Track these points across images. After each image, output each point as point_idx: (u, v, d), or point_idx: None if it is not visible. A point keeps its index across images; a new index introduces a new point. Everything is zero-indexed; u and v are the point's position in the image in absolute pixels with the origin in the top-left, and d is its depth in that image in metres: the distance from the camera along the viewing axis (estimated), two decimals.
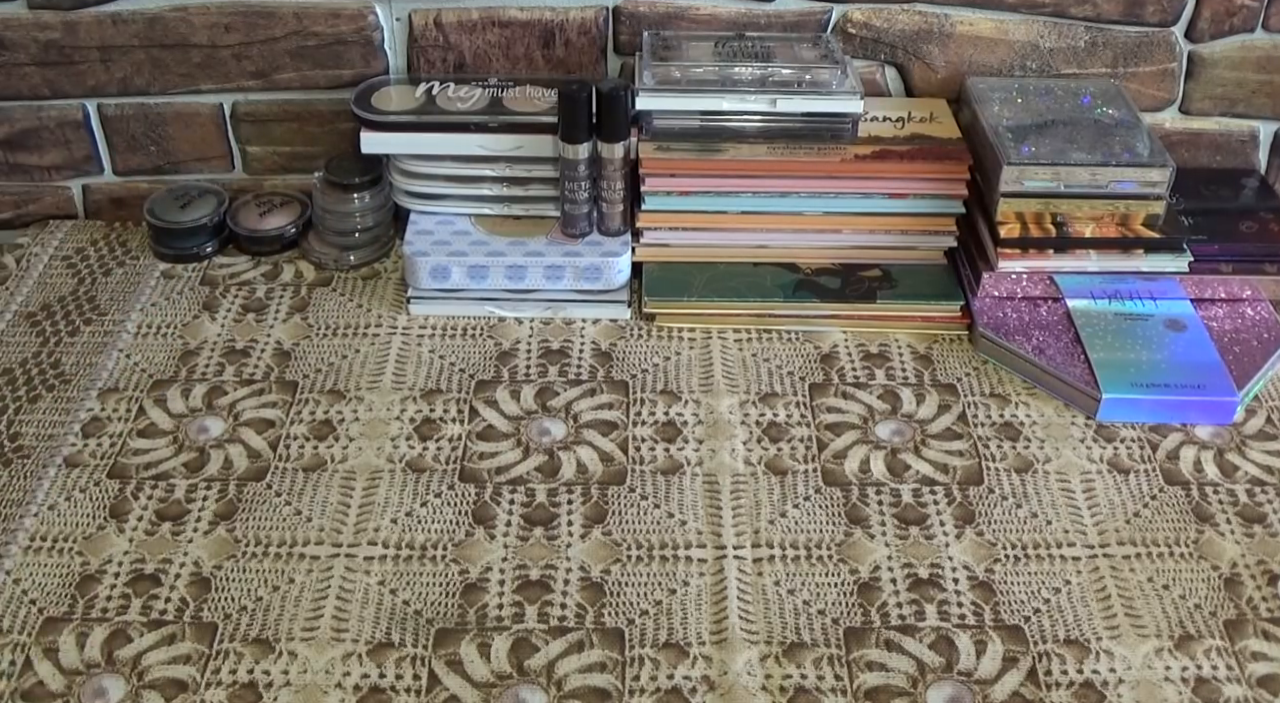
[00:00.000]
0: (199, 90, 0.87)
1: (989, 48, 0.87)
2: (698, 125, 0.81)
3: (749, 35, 0.85)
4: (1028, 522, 0.64)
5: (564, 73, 0.87)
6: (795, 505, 0.65)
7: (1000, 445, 0.69)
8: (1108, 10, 0.85)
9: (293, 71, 0.86)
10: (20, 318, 0.80)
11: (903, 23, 0.86)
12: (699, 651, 0.57)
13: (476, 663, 0.57)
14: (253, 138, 0.89)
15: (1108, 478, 0.67)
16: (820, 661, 0.57)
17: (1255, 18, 0.85)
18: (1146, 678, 0.56)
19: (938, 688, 0.56)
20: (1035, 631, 0.58)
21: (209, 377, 0.74)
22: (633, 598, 0.60)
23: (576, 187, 0.80)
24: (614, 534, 0.63)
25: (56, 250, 0.87)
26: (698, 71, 0.80)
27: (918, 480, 0.67)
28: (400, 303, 0.81)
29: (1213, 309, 0.79)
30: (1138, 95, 0.88)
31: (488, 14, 0.84)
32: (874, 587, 0.61)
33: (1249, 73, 0.88)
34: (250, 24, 0.84)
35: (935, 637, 0.58)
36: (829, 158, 0.80)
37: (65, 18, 0.83)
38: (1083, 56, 0.87)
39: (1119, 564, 0.62)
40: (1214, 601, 0.60)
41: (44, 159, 0.89)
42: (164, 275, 0.84)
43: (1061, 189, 0.77)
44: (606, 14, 0.85)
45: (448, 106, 0.82)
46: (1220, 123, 0.90)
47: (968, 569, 0.62)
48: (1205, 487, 0.67)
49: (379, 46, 0.85)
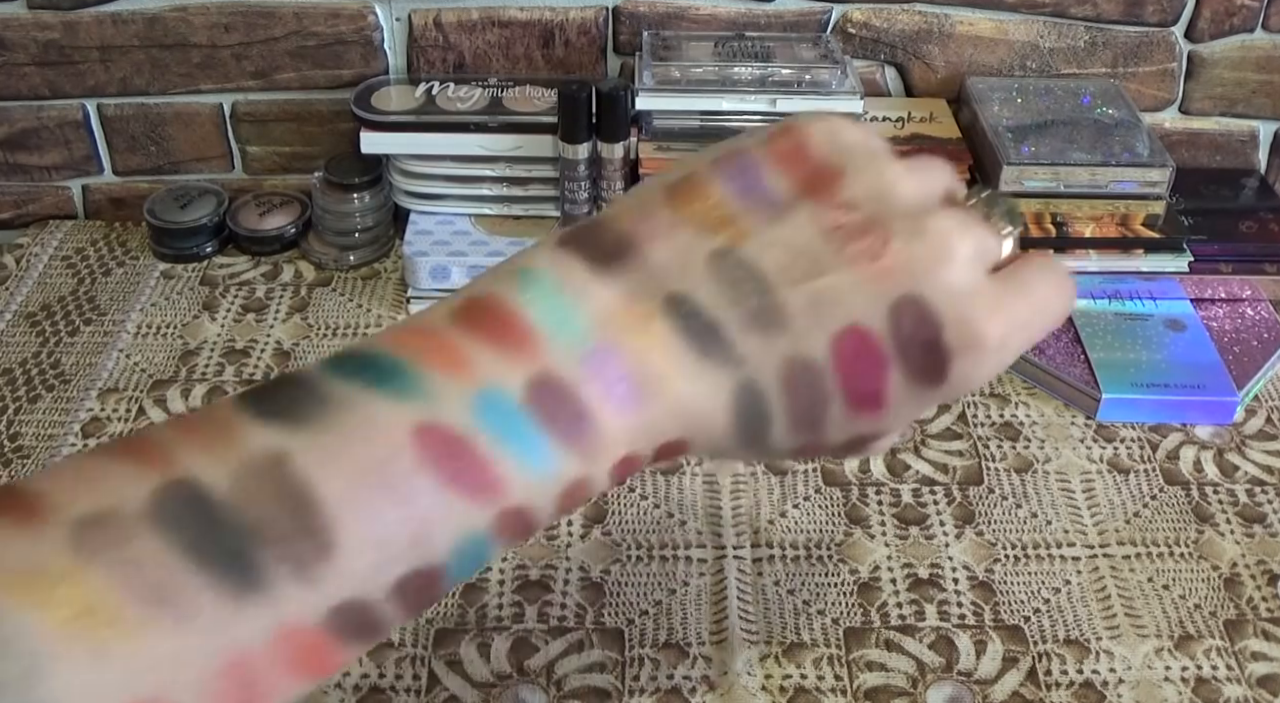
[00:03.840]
0: (199, 90, 0.87)
1: (989, 48, 0.87)
2: (698, 125, 0.81)
3: (749, 35, 0.85)
4: (1028, 522, 0.64)
5: (564, 73, 0.87)
6: (795, 506, 0.65)
7: (1000, 445, 0.69)
8: (1108, 10, 0.85)
9: (292, 71, 0.86)
10: (20, 318, 0.80)
11: (903, 23, 0.86)
12: (699, 651, 0.57)
13: (476, 663, 0.57)
14: (252, 138, 0.89)
15: (1108, 478, 0.67)
16: (820, 661, 0.57)
17: (1255, 18, 0.85)
18: (1146, 678, 0.56)
19: (938, 688, 0.56)
20: (1035, 631, 0.58)
21: (209, 377, 0.74)
22: (632, 598, 0.60)
23: (576, 187, 0.80)
24: (614, 534, 0.63)
25: (56, 250, 0.87)
26: (698, 71, 0.80)
27: (917, 480, 0.67)
28: (400, 303, 0.81)
29: (1213, 309, 0.79)
30: (1138, 95, 0.88)
31: (487, 14, 0.84)
32: (874, 587, 0.61)
33: (1249, 73, 0.88)
34: (250, 24, 0.84)
35: (935, 637, 0.58)
36: None
37: (65, 18, 0.83)
38: (1083, 56, 0.87)
39: (1119, 564, 0.62)
40: (1214, 601, 0.60)
41: (44, 159, 0.89)
42: (164, 275, 0.84)
43: (1061, 189, 0.77)
44: (606, 14, 0.85)
45: (448, 106, 0.82)
46: (1220, 123, 0.90)
47: (968, 569, 0.62)
48: (1205, 487, 0.67)
49: (379, 46, 0.85)
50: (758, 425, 0.32)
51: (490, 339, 0.30)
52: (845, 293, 0.31)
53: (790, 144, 0.33)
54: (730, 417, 0.32)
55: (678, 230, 0.32)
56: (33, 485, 0.26)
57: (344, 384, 0.28)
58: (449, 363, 0.29)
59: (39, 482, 0.26)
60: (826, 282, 0.31)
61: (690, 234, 0.32)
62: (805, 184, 0.33)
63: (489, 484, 0.28)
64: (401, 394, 0.28)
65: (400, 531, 0.27)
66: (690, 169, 0.33)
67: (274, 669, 0.26)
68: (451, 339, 0.30)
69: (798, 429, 0.33)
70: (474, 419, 0.28)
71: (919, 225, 0.32)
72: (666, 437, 0.31)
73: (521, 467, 0.29)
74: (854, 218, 0.32)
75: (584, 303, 0.31)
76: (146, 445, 0.27)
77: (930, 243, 0.32)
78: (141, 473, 0.26)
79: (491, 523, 0.29)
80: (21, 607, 0.24)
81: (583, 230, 0.33)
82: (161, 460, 0.27)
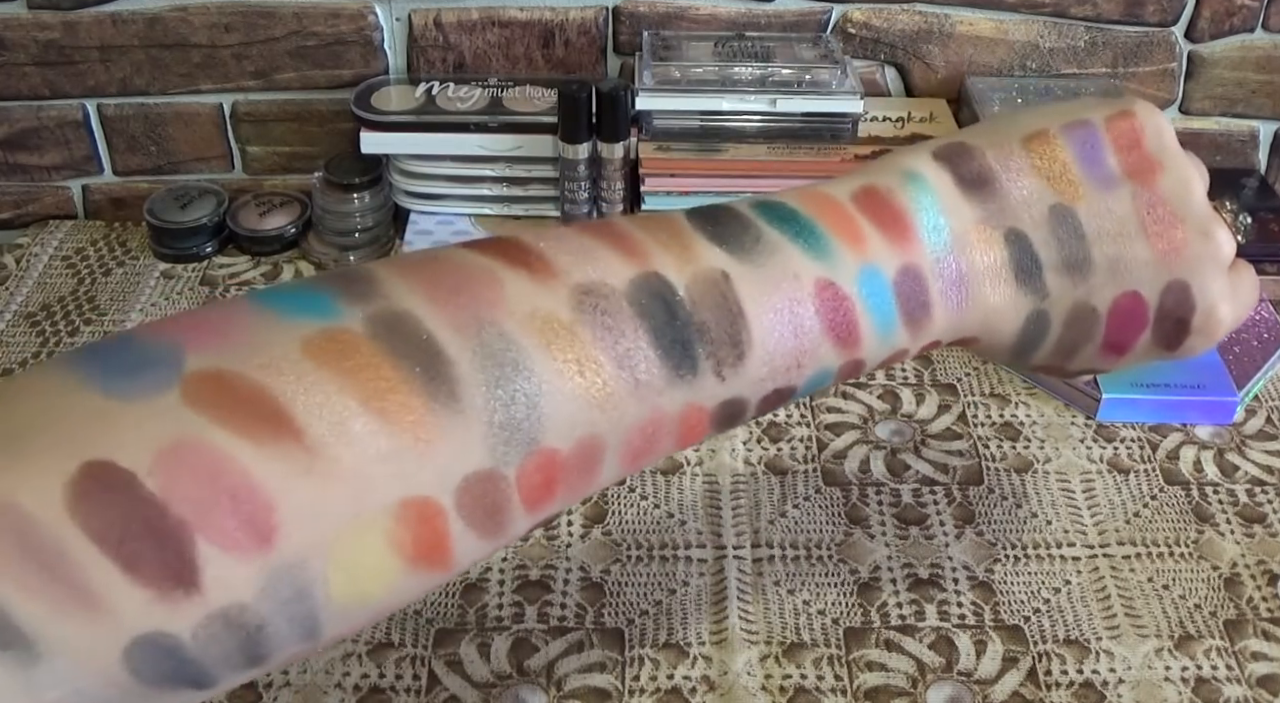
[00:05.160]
0: (199, 90, 0.87)
1: (989, 48, 0.87)
2: (698, 125, 0.81)
3: (749, 35, 0.85)
4: (1028, 522, 0.64)
5: (564, 73, 0.87)
6: (795, 506, 0.65)
7: (1000, 445, 0.69)
8: (1108, 10, 0.85)
9: (292, 71, 0.86)
10: (20, 318, 0.80)
11: (903, 23, 0.86)
12: (699, 651, 0.57)
13: (476, 663, 0.57)
14: (252, 138, 0.89)
15: (1108, 478, 0.67)
16: (820, 661, 0.57)
17: (1255, 18, 0.85)
18: (1146, 678, 0.56)
19: (938, 688, 0.56)
20: (1035, 631, 0.58)
21: None
22: (633, 598, 0.60)
23: (576, 187, 0.80)
24: (614, 534, 0.63)
25: (56, 250, 0.87)
26: (698, 71, 0.80)
27: (918, 481, 0.67)
28: None
29: None
30: (1138, 95, 0.88)
31: (487, 14, 0.84)
32: (874, 587, 0.61)
33: (1249, 73, 0.88)
34: (250, 24, 0.84)
35: (935, 637, 0.58)
36: (829, 158, 0.80)
37: (65, 18, 0.83)
38: (1083, 56, 0.87)
39: (1119, 564, 0.62)
40: (1214, 601, 0.60)
41: (44, 159, 0.89)
42: (164, 275, 0.84)
43: None
44: (606, 14, 0.85)
45: (448, 107, 0.82)
46: (1220, 123, 0.90)
47: (968, 569, 0.62)
48: (1205, 487, 0.67)
49: (379, 46, 0.85)
50: (1032, 344, 0.42)
51: (881, 225, 0.38)
52: (1139, 265, 0.40)
53: (1128, 130, 0.41)
54: (1017, 333, 0.41)
55: (1029, 178, 0.40)
56: (537, 246, 0.33)
57: (774, 230, 0.36)
58: (849, 235, 0.37)
59: (540, 244, 0.33)
60: (1130, 252, 0.40)
61: (1039, 184, 0.40)
62: (1132, 168, 0.41)
63: (853, 338, 0.37)
64: (813, 251, 0.36)
65: (789, 357, 0.36)
66: (1042, 125, 0.41)
67: (670, 435, 0.34)
68: (853, 215, 0.37)
69: (1056, 354, 0.43)
70: (857, 286, 0.36)
71: (1205, 228, 0.41)
72: (966, 334, 0.41)
73: (875, 331, 0.37)
74: (1163, 209, 0.41)
75: (951, 217, 0.39)
76: (622, 236, 0.34)
77: (1210, 245, 0.41)
78: (623, 260, 0.33)
79: (840, 366, 0.37)
80: (534, 346, 0.31)
81: (954, 150, 0.40)
82: (638, 254, 0.34)
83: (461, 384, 0.30)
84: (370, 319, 0.30)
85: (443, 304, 0.31)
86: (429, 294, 0.31)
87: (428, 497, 0.29)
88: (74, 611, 0.25)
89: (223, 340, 0.29)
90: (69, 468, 0.26)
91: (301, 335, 0.29)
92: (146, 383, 0.27)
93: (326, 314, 0.30)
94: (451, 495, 0.30)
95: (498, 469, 0.30)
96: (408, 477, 0.29)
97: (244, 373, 0.28)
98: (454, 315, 0.31)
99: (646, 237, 0.34)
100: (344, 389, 0.28)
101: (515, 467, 0.31)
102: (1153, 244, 0.40)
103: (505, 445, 0.30)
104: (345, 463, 0.28)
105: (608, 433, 0.32)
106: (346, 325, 0.29)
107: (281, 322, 0.29)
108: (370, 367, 0.29)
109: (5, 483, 0.25)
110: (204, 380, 0.28)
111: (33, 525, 0.25)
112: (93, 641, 0.26)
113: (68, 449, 0.26)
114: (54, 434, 0.26)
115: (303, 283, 0.32)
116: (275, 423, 0.27)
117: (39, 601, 0.25)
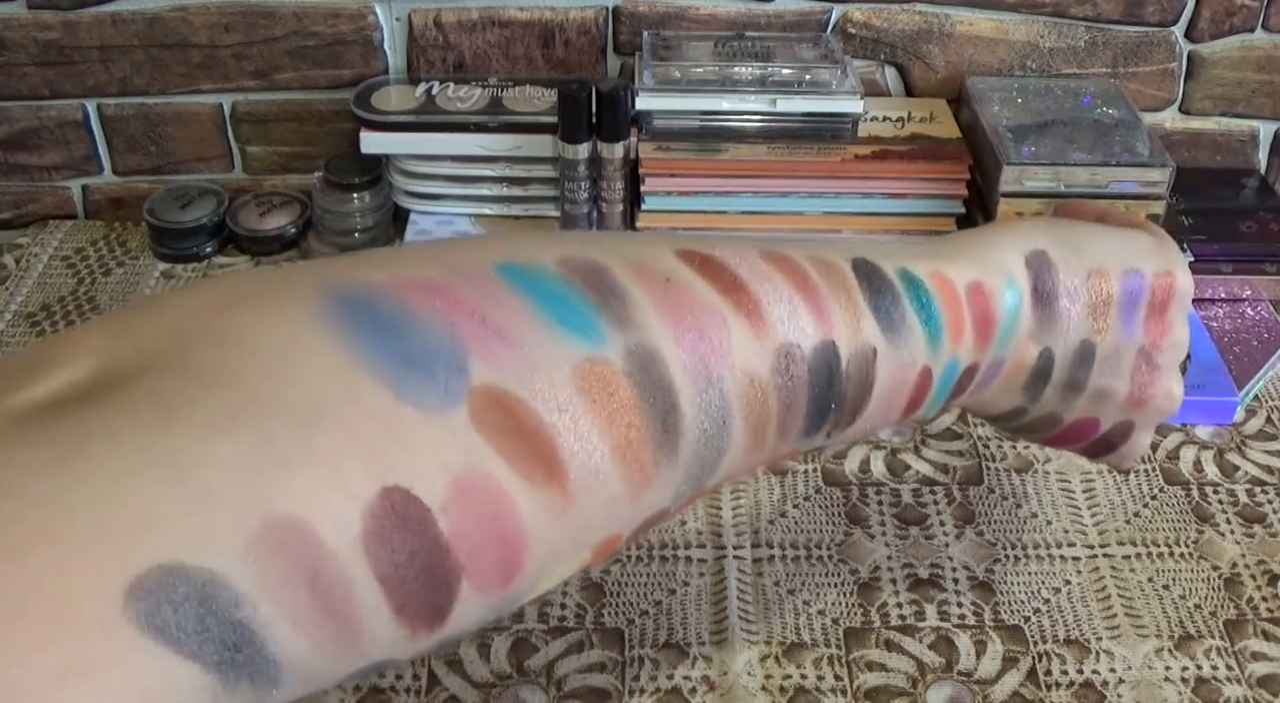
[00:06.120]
0: (199, 90, 0.87)
1: (989, 48, 0.87)
2: (698, 125, 0.81)
3: (749, 35, 0.85)
4: (1028, 522, 0.64)
5: (564, 73, 0.87)
6: (795, 506, 0.65)
7: (1000, 445, 0.69)
8: (1108, 10, 0.85)
9: (292, 71, 0.86)
10: (20, 318, 0.80)
11: (903, 23, 0.86)
12: (699, 651, 0.57)
13: (476, 663, 0.57)
14: (252, 138, 0.89)
15: (1107, 478, 0.67)
16: (820, 661, 0.57)
17: (1255, 18, 0.85)
18: (1146, 678, 0.56)
19: (938, 688, 0.56)
20: (1035, 631, 0.58)
21: None
22: (632, 598, 0.60)
23: (576, 187, 0.80)
24: None
25: (56, 250, 0.87)
26: (698, 71, 0.80)
27: (918, 481, 0.67)
28: None
29: (1213, 309, 0.79)
30: (1138, 95, 0.88)
31: (487, 14, 0.84)
32: (874, 587, 0.61)
33: (1249, 73, 0.88)
34: (250, 24, 0.84)
35: (935, 637, 0.58)
36: (829, 158, 0.80)
37: (65, 18, 0.83)
38: (1083, 56, 0.87)
39: (1119, 564, 0.62)
40: (1214, 601, 0.60)
41: (44, 159, 0.89)
42: (164, 275, 0.84)
43: (1061, 189, 0.77)
44: (606, 14, 0.85)
45: (447, 106, 0.82)
46: (1220, 123, 0.90)
47: (968, 569, 0.62)
48: (1205, 487, 0.67)
49: (379, 46, 0.85)
50: (998, 421, 0.50)
51: (976, 326, 0.42)
52: (1113, 401, 0.48)
53: (1164, 288, 0.47)
54: (993, 416, 0.49)
55: (1079, 307, 0.45)
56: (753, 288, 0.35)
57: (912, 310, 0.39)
58: (955, 331, 0.41)
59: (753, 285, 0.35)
60: (1113, 387, 0.47)
61: (1083, 316, 0.45)
62: (1151, 323, 0.47)
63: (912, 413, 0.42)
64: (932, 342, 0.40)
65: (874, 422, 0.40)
66: (1106, 264, 0.46)
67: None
68: (963, 311, 0.41)
69: (1010, 430, 0.52)
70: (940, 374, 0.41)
71: (1171, 390, 0.49)
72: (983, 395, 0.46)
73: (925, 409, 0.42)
74: (1152, 364, 0.48)
75: (1019, 326, 0.44)
76: (812, 288, 0.36)
77: (1169, 404, 0.49)
78: (813, 322, 0.36)
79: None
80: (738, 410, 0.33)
81: (1040, 262, 0.45)
82: (823, 316, 0.36)
83: (683, 439, 0.32)
84: (629, 353, 0.30)
85: (684, 346, 0.32)
86: (674, 333, 0.32)
87: (620, 533, 0.32)
88: (334, 646, 0.24)
89: (504, 347, 0.28)
90: (368, 492, 0.24)
91: (573, 363, 0.29)
92: (439, 392, 0.26)
93: (592, 337, 0.30)
94: (631, 530, 0.32)
95: (670, 509, 0.33)
96: (618, 518, 0.31)
97: (525, 401, 0.28)
98: (691, 361, 0.32)
99: (828, 293, 0.37)
100: (603, 436, 0.29)
101: (678, 504, 0.34)
102: (1131, 389, 0.48)
103: (684, 485, 0.33)
104: (585, 507, 0.29)
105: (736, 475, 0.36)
106: (608, 356, 0.30)
107: (554, 336, 0.29)
108: (626, 411, 0.30)
109: (301, 488, 0.24)
110: (491, 401, 0.27)
111: (326, 562, 0.24)
112: (332, 669, 0.25)
113: (367, 466, 0.25)
114: (349, 438, 0.25)
115: (558, 277, 0.31)
116: (548, 463, 0.28)
117: (305, 637, 0.24)
